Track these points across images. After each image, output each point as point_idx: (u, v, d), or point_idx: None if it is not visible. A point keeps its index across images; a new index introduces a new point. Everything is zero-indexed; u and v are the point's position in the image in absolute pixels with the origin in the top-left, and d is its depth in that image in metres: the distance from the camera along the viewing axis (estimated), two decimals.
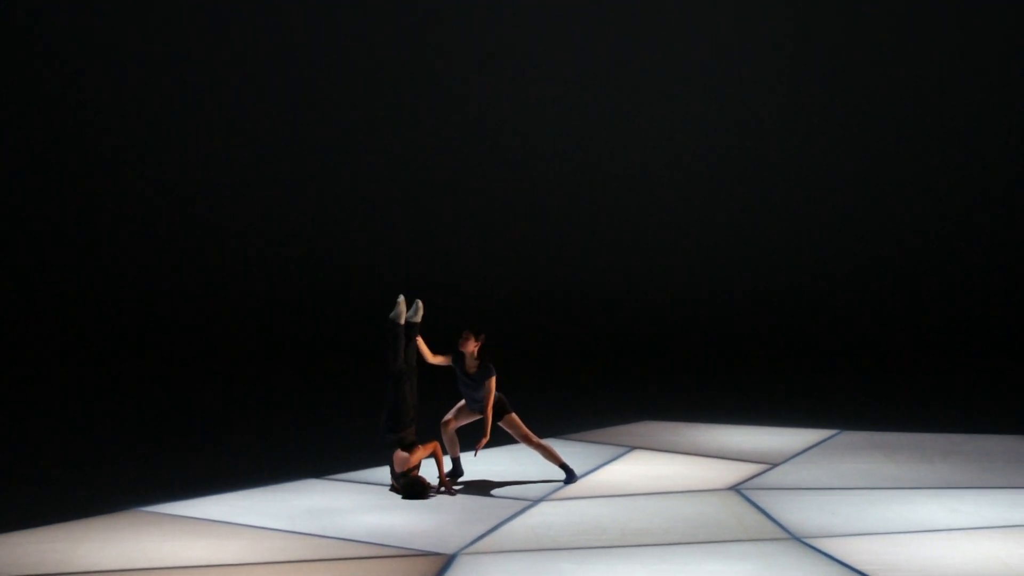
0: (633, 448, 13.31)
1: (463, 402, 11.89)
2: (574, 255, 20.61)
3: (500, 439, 12.42)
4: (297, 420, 15.20)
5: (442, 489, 11.52)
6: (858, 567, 9.54)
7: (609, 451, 13.18)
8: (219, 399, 16.48)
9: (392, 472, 11.54)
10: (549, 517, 10.87)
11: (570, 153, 20.80)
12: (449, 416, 11.95)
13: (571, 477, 11.92)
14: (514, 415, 11.88)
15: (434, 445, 11.57)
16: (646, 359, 19.04)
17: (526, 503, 11.27)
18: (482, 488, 11.73)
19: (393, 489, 11.52)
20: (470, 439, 11.87)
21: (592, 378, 17.91)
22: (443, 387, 12.34)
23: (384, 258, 20.34)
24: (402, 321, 11.64)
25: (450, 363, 11.84)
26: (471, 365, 11.74)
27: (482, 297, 20.16)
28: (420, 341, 11.78)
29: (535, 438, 11.95)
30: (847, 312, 20.42)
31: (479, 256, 20.52)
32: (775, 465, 12.61)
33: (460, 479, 11.95)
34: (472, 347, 11.71)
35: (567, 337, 19.86)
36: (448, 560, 9.78)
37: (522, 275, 20.49)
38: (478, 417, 11.82)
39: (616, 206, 20.77)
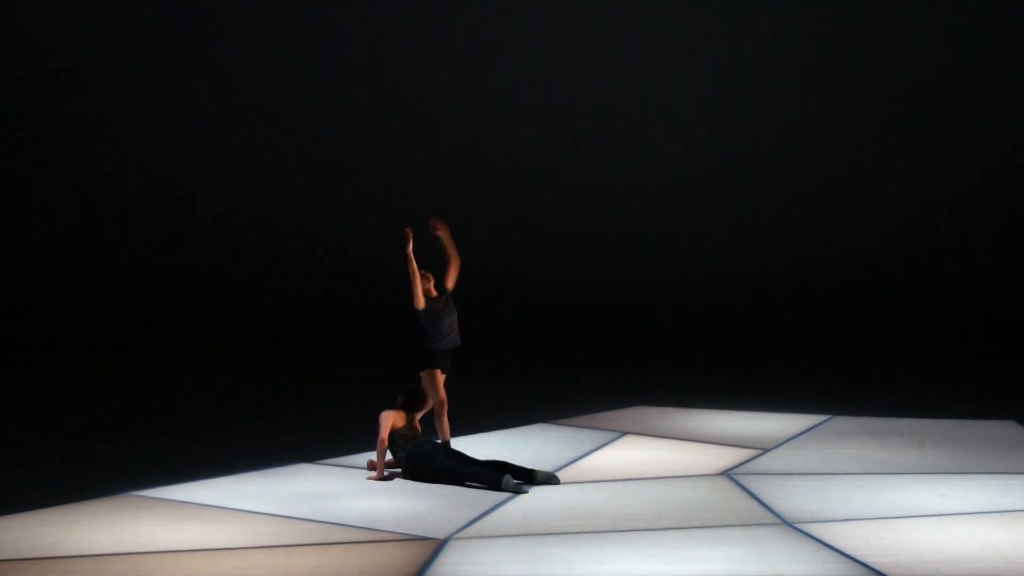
0: (625, 433, 13.33)
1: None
2: (566, 241, 20.60)
3: (494, 425, 12.40)
4: (288, 405, 15.21)
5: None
6: (848, 552, 9.55)
7: (601, 436, 13.19)
8: (211, 384, 16.48)
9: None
10: (540, 502, 10.88)
11: (563, 142, 20.77)
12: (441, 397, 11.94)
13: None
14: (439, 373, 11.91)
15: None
16: (638, 344, 19.05)
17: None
18: None
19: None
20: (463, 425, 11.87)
21: (584, 363, 17.91)
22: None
23: (376, 245, 20.31)
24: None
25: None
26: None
27: (475, 283, 20.16)
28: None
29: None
30: (840, 298, 20.43)
31: (472, 242, 20.51)
32: (766, 450, 12.63)
33: None
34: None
35: (560, 322, 19.86)
36: (440, 545, 9.78)
37: (515, 261, 20.48)
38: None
39: (608, 193, 20.76)
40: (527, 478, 11.26)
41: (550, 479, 11.32)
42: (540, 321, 19.88)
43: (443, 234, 12.04)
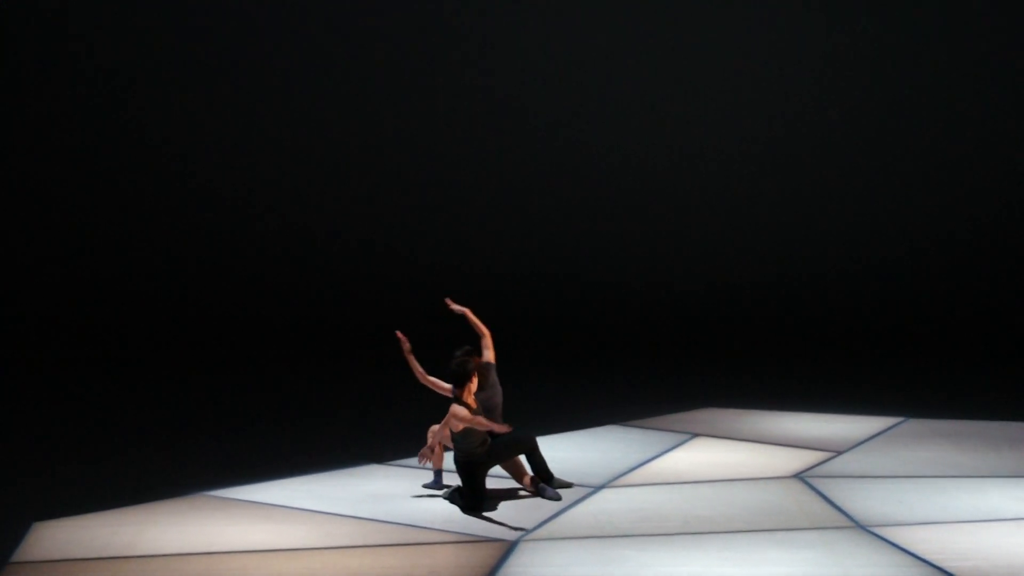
0: (696, 435, 13.26)
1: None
2: (638, 243, 20.55)
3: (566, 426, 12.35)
4: (359, 405, 15.25)
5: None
6: (923, 555, 9.45)
7: (671, 438, 13.13)
8: (283, 385, 16.55)
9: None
10: (611, 504, 10.84)
11: (624, 144, 20.71)
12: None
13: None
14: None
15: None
16: (710, 345, 18.95)
17: (588, 490, 11.25)
18: None
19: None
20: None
21: (655, 364, 17.85)
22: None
23: (441, 248, 20.35)
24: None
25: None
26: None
27: (546, 285, 20.14)
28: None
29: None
30: (914, 299, 20.25)
31: (540, 244, 20.50)
32: (839, 453, 12.52)
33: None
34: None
35: (630, 324, 19.81)
36: (510, 546, 9.77)
37: (588, 262, 20.45)
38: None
39: (676, 192, 20.68)
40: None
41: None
42: (610, 323, 19.84)
43: (463, 311, 11.35)
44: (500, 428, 10.49)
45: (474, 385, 10.84)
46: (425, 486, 11.26)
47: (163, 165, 20.48)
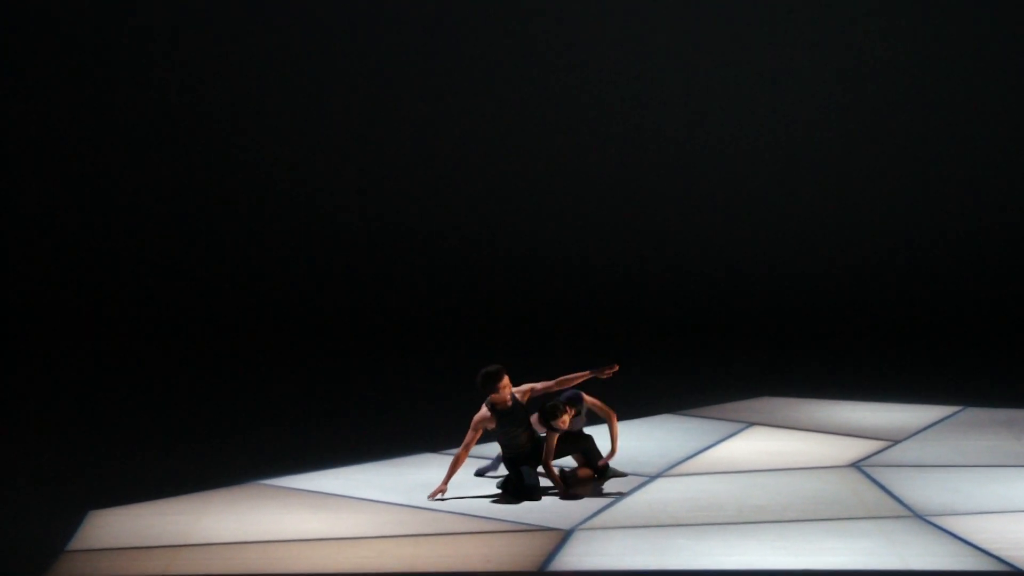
0: (751, 424, 13.20)
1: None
2: (693, 231, 20.47)
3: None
4: (413, 394, 15.27)
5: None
6: (982, 545, 9.37)
7: (727, 427, 13.08)
8: (337, 375, 16.61)
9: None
10: (666, 493, 10.82)
11: (687, 134, 20.61)
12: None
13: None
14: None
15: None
16: (766, 333, 18.86)
17: (643, 479, 11.23)
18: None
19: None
20: None
21: (710, 353, 17.78)
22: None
23: (501, 237, 20.33)
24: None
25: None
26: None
27: (601, 274, 20.11)
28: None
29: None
30: (972, 285, 20.07)
31: (593, 234, 20.45)
32: (897, 442, 12.43)
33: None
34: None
35: (685, 312, 19.75)
36: (565, 535, 9.77)
37: (643, 250, 20.39)
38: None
39: (730, 179, 20.57)
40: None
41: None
42: (665, 310, 19.77)
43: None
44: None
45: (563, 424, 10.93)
46: (479, 472, 11.26)
47: (224, 150, 20.55)
